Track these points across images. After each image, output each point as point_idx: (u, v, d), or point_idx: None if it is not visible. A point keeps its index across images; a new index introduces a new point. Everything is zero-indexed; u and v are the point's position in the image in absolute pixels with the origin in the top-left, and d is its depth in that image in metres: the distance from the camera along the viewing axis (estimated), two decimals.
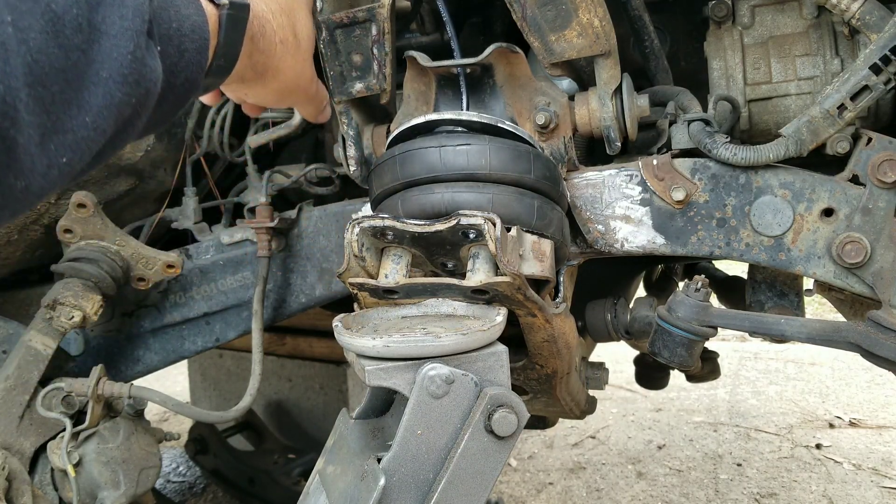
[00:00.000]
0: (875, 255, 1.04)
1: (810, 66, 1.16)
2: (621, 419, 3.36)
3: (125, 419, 1.35)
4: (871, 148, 1.05)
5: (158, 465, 1.38)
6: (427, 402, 0.77)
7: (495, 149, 0.92)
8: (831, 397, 3.52)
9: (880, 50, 1.00)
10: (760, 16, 1.21)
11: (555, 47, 1.03)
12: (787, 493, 2.56)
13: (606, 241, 1.14)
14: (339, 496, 0.82)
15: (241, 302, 1.47)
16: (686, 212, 1.11)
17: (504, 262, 0.84)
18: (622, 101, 1.08)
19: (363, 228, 0.89)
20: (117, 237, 1.38)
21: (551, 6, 1.01)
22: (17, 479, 1.24)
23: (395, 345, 0.77)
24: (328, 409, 2.76)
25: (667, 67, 1.26)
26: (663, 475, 2.76)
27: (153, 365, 1.53)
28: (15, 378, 1.28)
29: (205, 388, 3.08)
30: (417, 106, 1.11)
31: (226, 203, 1.58)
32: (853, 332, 0.99)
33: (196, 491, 2.84)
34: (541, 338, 1.00)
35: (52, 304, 1.28)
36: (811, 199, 1.07)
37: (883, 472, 2.69)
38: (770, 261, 1.10)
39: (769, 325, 1.06)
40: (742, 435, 3.11)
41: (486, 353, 0.81)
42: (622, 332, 1.31)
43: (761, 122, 1.20)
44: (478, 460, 0.77)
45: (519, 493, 2.67)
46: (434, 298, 0.92)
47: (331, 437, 0.93)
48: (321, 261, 1.44)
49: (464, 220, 0.86)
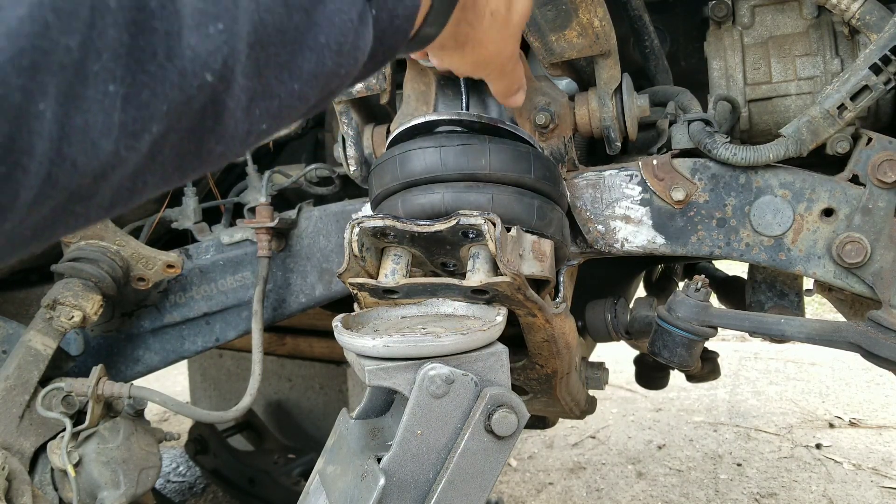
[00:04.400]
0: (875, 255, 1.04)
1: (810, 66, 1.16)
2: (621, 419, 3.36)
3: (125, 419, 1.35)
4: (871, 148, 1.05)
5: (158, 465, 1.38)
6: (427, 402, 0.77)
7: (495, 149, 0.92)
8: (831, 397, 3.52)
9: (880, 50, 1.00)
10: (760, 16, 1.21)
11: (555, 47, 1.03)
12: (787, 493, 2.56)
13: (606, 241, 1.14)
14: (339, 496, 0.82)
15: (241, 302, 1.47)
16: (686, 212, 1.11)
17: (504, 262, 0.84)
18: (622, 101, 1.08)
19: (363, 228, 0.89)
20: (117, 237, 1.38)
21: (551, 6, 1.01)
22: (17, 479, 1.24)
23: (395, 345, 0.77)
24: (328, 409, 2.76)
25: (667, 67, 1.26)
26: (663, 475, 2.76)
27: (153, 365, 1.53)
28: (15, 378, 1.28)
29: (205, 388, 3.08)
30: (417, 106, 1.11)
31: (226, 203, 1.58)
32: (853, 332, 0.99)
33: (196, 491, 2.84)
34: (541, 338, 1.00)
35: (52, 304, 1.28)
36: (811, 199, 1.07)
37: (883, 472, 2.69)
38: (770, 261, 1.10)
39: (769, 325, 1.06)
40: (742, 435, 3.11)
41: (486, 353, 0.81)
42: (622, 332, 1.31)
43: (761, 122, 1.20)
44: (478, 460, 0.77)
45: (519, 493, 2.67)
46: (434, 298, 0.92)
47: (331, 437, 0.93)
48: (321, 261, 1.44)
49: (464, 220, 0.86)
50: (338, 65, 0.52)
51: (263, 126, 0.49)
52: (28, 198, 0.34)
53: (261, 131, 0.49)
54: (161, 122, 0.39)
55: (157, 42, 0.37)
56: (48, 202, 0.36)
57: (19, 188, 0.33)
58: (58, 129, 0.34)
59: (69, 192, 0.36)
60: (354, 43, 0.53)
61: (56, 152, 0.34)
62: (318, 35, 0.50)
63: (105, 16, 0.34)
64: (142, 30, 0.36)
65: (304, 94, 0.51)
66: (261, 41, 0.45)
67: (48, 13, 0.32)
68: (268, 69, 0.47)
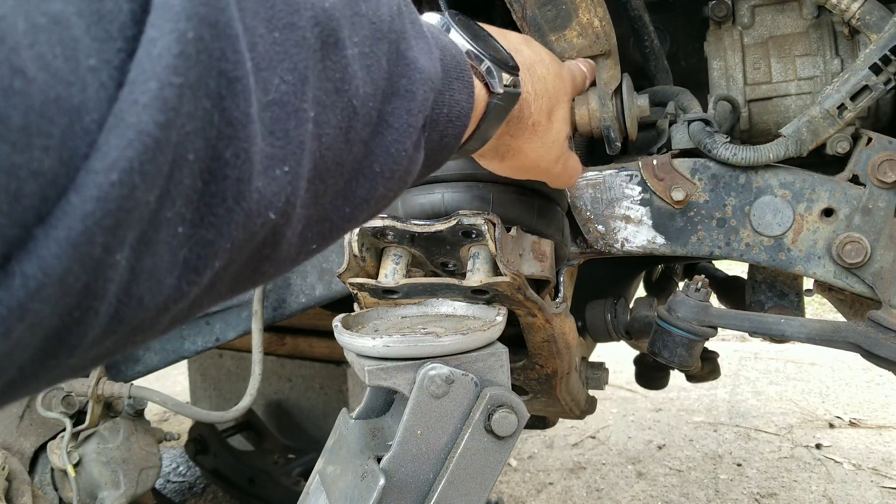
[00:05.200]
0: (875, 255, 1.04)
1: (810, 66, 1.16)
2: (621, 419, 3.36)
3: (125, 419, 1.35)
4: (871, 148, 1.05)
5: (158, 465, 1.38)
6: (427, 402, 0.77)
7: None
8: (831, 397, 3.52)
9: (880, 50, 1.00)
10: (760, 16, 1.21)
11: (555, 47, 1.03)
12: (787, 493, 2.56)
13: (606, 241, 1.14)
14: (339, 496, 0.82)
15: (241, 302, 1.47)
16: (686, 212, 1.11)
17: (504, 262, 0.84)
18: (622, 101, 1.08)
19: (363, 228, 0.89)
20: None
21: (551, 6, 1.01)
22: (17, 479, 1.24)
23: (395, 345, 0.77)
24: (328, 409, 2.76)
25: (667, 67, 1.26)
26: (663, 475, 2.76)
27: (153, 365, 1.53)
28: None
29: (205, 388, 3.08)
30: None
31: None
32: (853, 332, 0.99)
33: (196, 491, 2.84)
34: (541, 338, 1.00)
35: None
36: (811, 199, 1.07)
37: (883, 472, 2.69)
38: (770, 261, 1.10)
39: (769, 325, 1.06)
40: (742, 435, 3.11)
41: (486, 353, 0.81)
42: (622, 332, 1.31)
43: (761, 122, 1.20)
44: (478, 460, 0.77)
45: (519, 493, 2.67)
46: (434, 298, 0.92)
47: (331, 437, 0.93)
48: (321, 261, 1.44)
49: (464, 220, 0.86)
50: (388, 189, 0.53)
51: (314, 247, 0.50)
52: (95, 335, 0.35)
53: (310, 251, 0.50)
54: (223, 258, 0.40)
55: (227, 188, 0.38)
56: (112, 336, 0.36)
57: (88, 329, 0.34)
58: (129, 274, 0.35)
59: (132, 326, 0.37)
60: (407, 169, 0.54)
61: (125, 293, 0.35)
62: (374, 164, 0.51)
63: (183, 167, 0.35)
64: (214, 177, 0.37)
65: (355, 216, 0.52)
66: (321, 175, 0.46)
67: (136, 176, 0.32)
68: (325, 198, 0.48)
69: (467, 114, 0.62)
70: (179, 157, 0.35)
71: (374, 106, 0.49)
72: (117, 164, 0.32)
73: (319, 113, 0.44)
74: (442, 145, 0.60)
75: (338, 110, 0.46)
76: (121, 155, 0.32)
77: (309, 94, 0.43)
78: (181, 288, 0.38)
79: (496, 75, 0.67)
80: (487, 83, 0.67)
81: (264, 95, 0.40)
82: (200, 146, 0.36)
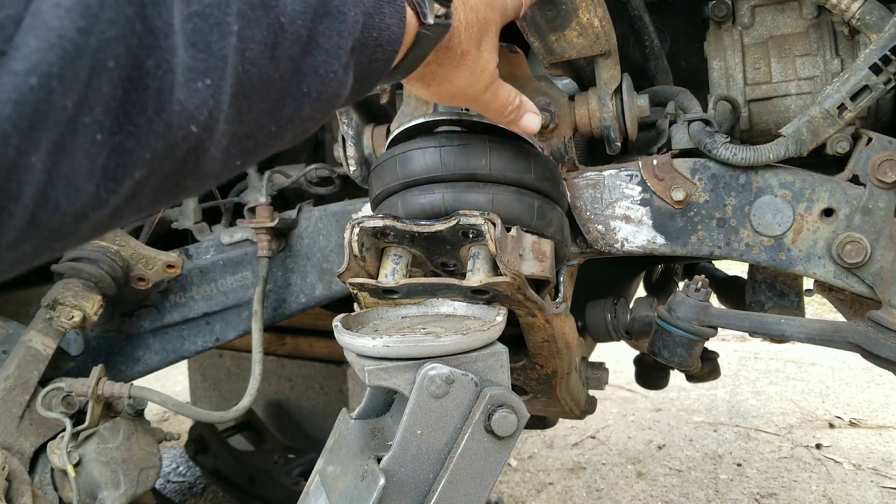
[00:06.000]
0: (875, 255, 1.04)
1: (810, 66, 1.16)
2: (621, 419, 3.36)
3: (125, 419, 1.35)
4: (871, 148, 1.05)
5: (158, 465, 1.38)
6: (427, 402, 0.77)
7: (495, 149, 0.92)
8: (831, 397, 3.52)
9: (880, 50, 1.00)
10: (760, 16, 1.21)
11: (555, 47, 1.03)
12: (787, 493, 2.56)
13: (606, 241, 1.14)
14: (339, 496, 0.82)
15: (241, 302, 1.47)
16: (686, 212, 1.11)
17: (504, 262, 0.84)
18: (622, 101, 1.08)
19: (363, 228, 0.89)
20: (117, 237, 1.38)
21: (551, 6, 1.00)
22: (17, 479, 1.24)
23: (395, 345, 0.77)
24: (328, 409, 2.76)
25: (667, 67, 1.26)
26: (663, 475, 2.76)
27: (153, 365, 1.53)
28: (15, 378, 1.28)
29: (205, 388, 3.08)
30: (417, 106, 1.11)
31: (226, 203, 1.58)
32: (853, 332, 0.99)
33: (196, 491, 2.83)
34: (541, 338, 1.00)
35: (52, 304, 1.28)
36: (811, 199, 1.07)
37: (883, 472, 2.69)
38: (770, 261, 1.10)
39: (769, 325, 1.06)
40: (742, 435, 3.11)
41: (486, 353, 0.81)
42: (622, 332, 1.31)
43: (761, 122, 1.20)
44: (478, 460, 0.77)
45: (519, 493, 2.67)
46: (434, 298, 0.92)
47: (331, 437, 0.93)
48: (321, 261, 1.44)
49: (464, 220, 0.86)
50: (315, 110, 0.54)
51: (237, 163, 0.51)
52: (11, 238, 0.35)
53: (234, 167, 0.51)
54: (143, 168, 0.40)
55: (148, 98, 0.39)
56: (30, 241, 0.37)
57: (3, 230, 0.34)
58: (45, 176, 0.35)
59: (50, 231, 0.38)
60: (336, 91, 0.55)
61: (41, 196, 0.35)
62: (302, 84, 0.51)
63: (102, 74, 0.36)
64: (135, 86, 0.38)
65: (281, 135, 0.53)
66: (244, 91, 0.46)
67: (54, 80, 0.33)
68: (249, 114, 0.48)
69: (398, 39, 0.62)
70: (99, 63, 0.35)
71: (304, 24, 0.49)
72: (38, 67, 0.32)
73: (244, 27, 0.44)
74: (371, 69, 0.60)
75: (263, 26, 0.46)
76: (42, 59, 0.32)
77: (233, 6, 0.43)
78: (100, 195, 0.38)
79: (428, 5, 0.66)
80: (418, 12, 0.66)
81: (187, 6, 0.40)
82: (121, 54, 0.36)
